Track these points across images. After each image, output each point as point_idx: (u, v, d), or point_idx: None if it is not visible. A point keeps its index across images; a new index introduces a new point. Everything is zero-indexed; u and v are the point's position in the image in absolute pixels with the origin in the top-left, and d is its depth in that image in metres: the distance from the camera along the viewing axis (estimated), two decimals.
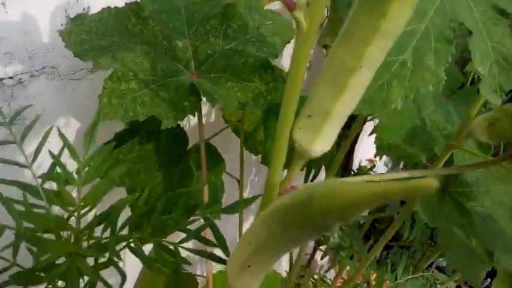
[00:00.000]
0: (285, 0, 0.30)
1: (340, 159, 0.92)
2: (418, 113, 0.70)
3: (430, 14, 0.47)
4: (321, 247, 1.51)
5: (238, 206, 0.54)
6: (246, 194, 1.31)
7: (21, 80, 0.74)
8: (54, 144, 0.57)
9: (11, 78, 0.72)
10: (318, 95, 0.29)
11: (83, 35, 0.59)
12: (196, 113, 0.60)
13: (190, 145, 0.74)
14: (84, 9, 0.78)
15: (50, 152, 0.54)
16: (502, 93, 0.49)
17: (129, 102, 0.56)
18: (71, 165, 0.56)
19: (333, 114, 0.28)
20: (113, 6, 0.62)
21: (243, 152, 0.89)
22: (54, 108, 0.75)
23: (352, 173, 1.41)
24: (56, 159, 0.54)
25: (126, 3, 0.62)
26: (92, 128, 0.55)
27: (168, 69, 0.60)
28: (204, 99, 0.60)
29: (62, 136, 0.52)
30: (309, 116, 0.29)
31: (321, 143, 0.30)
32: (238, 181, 0.94)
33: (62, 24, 0.77)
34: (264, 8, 0.67)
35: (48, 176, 0.53)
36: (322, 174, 1.16)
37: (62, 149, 0.53)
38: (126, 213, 0.56)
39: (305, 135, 0.30)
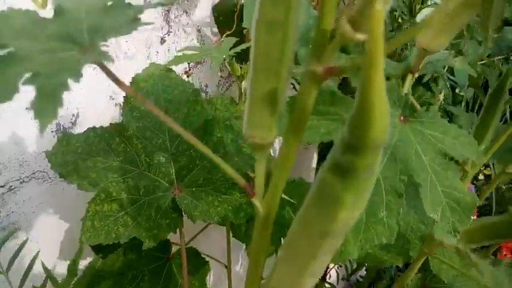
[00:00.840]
0: (245, 188, 0.32)
1: None
2: (401, 206, 0.70)
3: (381, 167, 0.49)
4: None
5: None
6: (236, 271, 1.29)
7: (12, 187, 0.74)
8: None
9: (2, 187, 0.72)
10: (279, 278, 0.30)
11: (68, 156, 0.60)
12: None
13: (174, 248, 0.74)
14: (73, 115, 0.79)
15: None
16: (456, 233, 0.51)
17: (112, 224, 0.57)
18: None
19: None
20: (98, 126, 0.63)
21: (230, 240, 0.88)
22: (44, 210, 0.76)
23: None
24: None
25: (110, 124, 0.63)
26: (75, 259, 0.56)
27: (151, 186, 0.61)
28: None
29: (45, 269, 0.52)
30: None
31: None
32: (226, 267, 0.93)
33: (52, 131, 0.78)
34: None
35: None
36: None
37: (46, 279, 0.53)
38: None
39: None
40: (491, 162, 1.05)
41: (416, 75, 0.57)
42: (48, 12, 0.39)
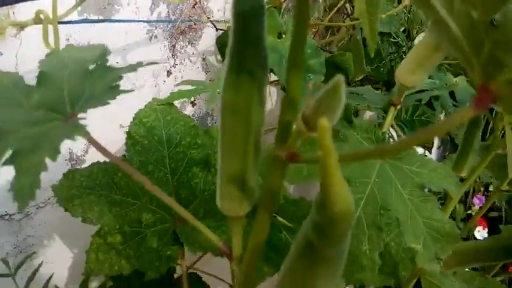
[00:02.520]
0: (225, 252, 0.33)
1: None
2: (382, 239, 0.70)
3: (362, 203, 0.50)
4: None
5: None
6: None
7: (29, 212, 0.76)
8: None
9: (19, 213, 0.75)
10: None
11: (73, 190, 0.61)
12: None
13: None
14: (85, 144, 0.81)
15: None
16: (439, 261, 0.51)
17: (115, 256, 0.58)
18: None
19: None
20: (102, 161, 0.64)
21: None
22: (57, 234, 0.78)
23: None
24: None
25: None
26: (84, 284, 0.57)
27: (152, 219, 0.62)
28: None
29: None
30: None
31: None
32: (231, 286, 0.93)
33: (65, 160, 0.80)
34: None
35: None
36: None
37: None
38: None
39: None
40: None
41: (399, 107, 0.57)
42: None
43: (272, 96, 1.14)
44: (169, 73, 0.87)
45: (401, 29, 1.05)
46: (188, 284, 0.66)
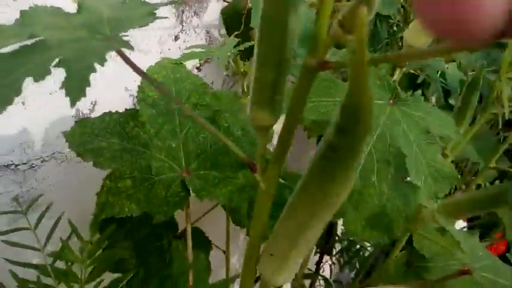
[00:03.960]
0: (249, 163, 0.34)
1: None
2: (379, 200, 0.73)
3: (373, 140, 0.52)
4: None
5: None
6: (235, 260, 1.31)
7: (33, 165, 0.77)
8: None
9: (24, 164, 0.75)
10: (277, 241, 0.31)
11: (85, 136, 0.62)
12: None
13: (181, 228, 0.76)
14: (91, 102, 0.82)
15: (61, 239, 0.57)
16: (436, 199, 0.55)
17: (125, 199, 0.59)
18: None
19: (291, 257, 0.31)
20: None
21: (229, 225, 0.90)
22: (61, 188, 0.78)
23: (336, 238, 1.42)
24: (64, 243, 0.58)
25: (125, 109, 0.65)
26: (94, 222, 0.58)
27: (162, 167, 0.63)
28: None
29: (70, 224, 0.55)
30: (271, 254, 0.31)
31: (283, 276, 0.32)
32: (224, 252, 0.95)
33: (72, 116, 0.81)
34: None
35: (56, 256, 0.58)
36: None
37: (70, 234, 0.56)
38: None
39: (269, 270, 0.32)
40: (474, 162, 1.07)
41: (404, 69, 0.60)
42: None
43: None
44: (176, 38, 0.88)
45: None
46: (192, 236, 0.68)
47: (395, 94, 0.60)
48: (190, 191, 0.62)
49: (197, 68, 0.93)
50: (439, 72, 1.11)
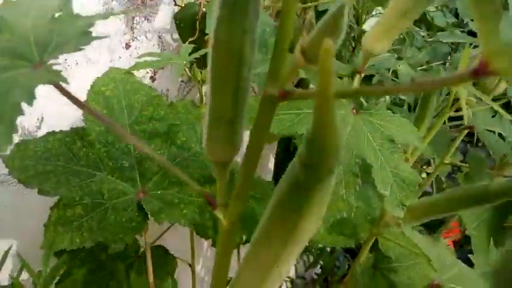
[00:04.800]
0: (208, 199, 0.30)
1: None
2: (348, 214, 0.71)
3: None
4: None
5: None
6: (200, 268, 1.27)
7: None
8: None
9: None
10: (246, 278, 0.28)
11: (27, 160, 0.55)
12: None
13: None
14: (37, 119, 0.75)
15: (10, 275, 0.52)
16: (403, 207, 0.54)
17: (76, 229, 0.53)
18: None
19: None
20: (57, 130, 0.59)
21: (193, 237, 0.85)
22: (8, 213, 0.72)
23: None
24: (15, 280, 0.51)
25: (71, 128, 0.59)
26: (44, 256, 0.52)
27: (115, 190, 0.58)
28: None
29: (20, 258, 0.49)
30: None
31: None
32: (190, 265, 0.90)
33: (16, 135, 0.73)
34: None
35: None
36: None
37: (20, 270, 0.50)
38: None
39: None
40: (431, 158, 1.08)
41: (363, 75, 0.58)
42: None
43: None
44: (127, 46, 0.82)
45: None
46: (153, 256, 0.62)
47: (358, 103, 0.58)
48: (148, 214, 0.57)
49: (151, 77, 0.87)
50: (391, 70, 1.12)
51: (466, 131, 0.72)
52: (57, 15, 0.36)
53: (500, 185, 0.44)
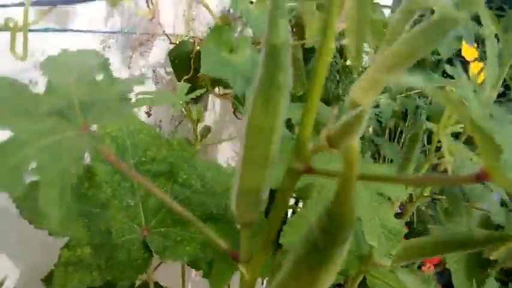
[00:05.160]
0: (232, 255, 0.34)
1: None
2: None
3: None
4: None
5: None
6: None
7: None
8: None
9: None
10: None
11: (36, 202, 0.57)
12: None
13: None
14: None
15: None
16: (390, 256, 0.57)
17: (85, 268, 0.55)
18: None
19: None
20: None
21: (184, 271, 0.87)
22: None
23: None
24: None
25: None
26: None
27: (121, 229, 0.60)
28: None
29: None
30: None
31: None
32: None
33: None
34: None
35: None
36: None
37: None
38: None
39: None
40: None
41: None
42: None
43: (215, 109, 1.15)
44: None
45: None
46: None
47: None
48: (153, 252, 0.60)
49: (147, 112, 0.90)
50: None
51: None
52: (97, 77, 0.39)
53: (484, 235, 0.48)
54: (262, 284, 0.94)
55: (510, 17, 0.75)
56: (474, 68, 1.19)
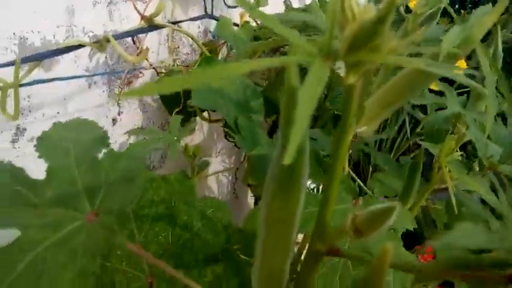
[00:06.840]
0: None
1: None
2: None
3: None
4: None
5: None
6: None
7: None
8: None
9: None
10: None
11: None
12: None
13: None
14: None
15: None
16: None
17: None
18: None
19: None
20: None
21: None
22: None
23: None
24: None
25: None
26: None
27: (124, 280, 0.58)
28: None
29: None
30: None
31: None
32: None
33: None
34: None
35: None
36: None
37: None
38: None
39: None
40: None
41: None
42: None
43: (203, 129, 1.13)
44: (114, 121, 0.82)
45: None
46: None
47: (356, 194, 0.60)
48: None
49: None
50: None
51: None
52: (98, 154, 0.37)
53: (491, 259, 0.48)
54: None
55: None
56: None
